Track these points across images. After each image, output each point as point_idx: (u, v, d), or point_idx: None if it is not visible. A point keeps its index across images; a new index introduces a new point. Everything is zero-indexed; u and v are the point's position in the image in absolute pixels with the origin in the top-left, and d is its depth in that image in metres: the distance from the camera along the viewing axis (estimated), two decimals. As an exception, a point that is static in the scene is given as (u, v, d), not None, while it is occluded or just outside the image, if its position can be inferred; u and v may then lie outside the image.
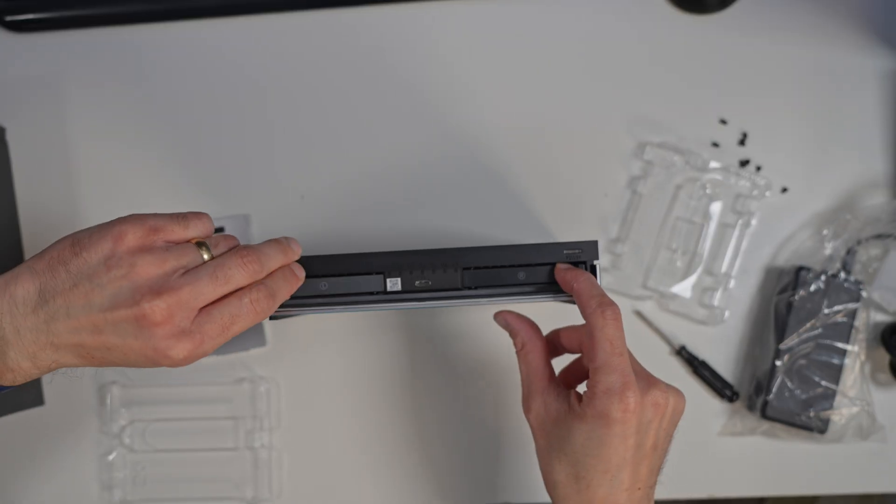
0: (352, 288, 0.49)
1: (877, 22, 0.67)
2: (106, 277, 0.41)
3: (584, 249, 0.50)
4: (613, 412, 0.44)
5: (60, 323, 0.41)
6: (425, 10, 0.69)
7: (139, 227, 0.43)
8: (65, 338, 0.42)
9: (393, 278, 0.50)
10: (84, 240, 0.43)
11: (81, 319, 0.41)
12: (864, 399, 0.65)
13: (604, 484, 0.46)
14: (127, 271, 0.41)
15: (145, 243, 0.43)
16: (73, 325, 0.41)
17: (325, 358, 0.69)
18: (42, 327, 0.41)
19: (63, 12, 0.69)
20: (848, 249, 0.65)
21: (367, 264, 0.50)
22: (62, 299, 0.41)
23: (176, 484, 0.68)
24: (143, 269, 0.41)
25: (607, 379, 0.45)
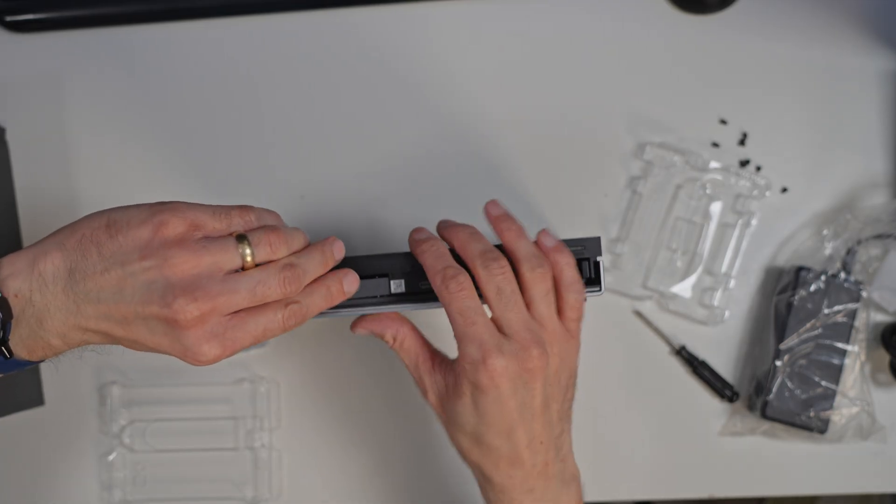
0: (356, 291, 0.49)
1: (877, 22, 0.67)
2: (139, 266, 0.40)
3: (586, 246, 0.50)
4: (481, 380, 0.45)
5: (90, 307, 0.40)
6: (425, 9, 0.69)
7: (181, 221, 0.41)
8: (93, 323, 0.41)
9: (397, 280, 0.50)
10: (121, 222, 0.41)
11: (111, 307, 0.40)
12: (864, 399, 0.65)
13: (503, 444, 0.47)
14: (160, 263, 0.40)
15: (184, 237, 0.41)
16: (102, 311, 0.40)
17: (325, 358, 0.69)
18: (72, 308, 0.40)
19: (63, 12, 0.69)
20: (848, 249, 0.65)
21: (370, 267, 0.50)
22: (93, 282, 0.40)
23: (176, 484, 0.68)
24: (179, 266, 0.40)
25: (468, 350, 0.46)
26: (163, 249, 0.40)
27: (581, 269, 0.50)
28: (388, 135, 0.69)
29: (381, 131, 0.69)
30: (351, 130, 0.69)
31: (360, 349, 0.68)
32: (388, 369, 0.68)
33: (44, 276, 0.40)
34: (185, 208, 0.42)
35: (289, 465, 0.69)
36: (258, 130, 0.69)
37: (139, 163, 0.69)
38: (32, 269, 0.40)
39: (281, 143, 0.69)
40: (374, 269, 0.49)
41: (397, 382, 0.68)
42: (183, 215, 0.41)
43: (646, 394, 0.68)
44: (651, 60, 0.68)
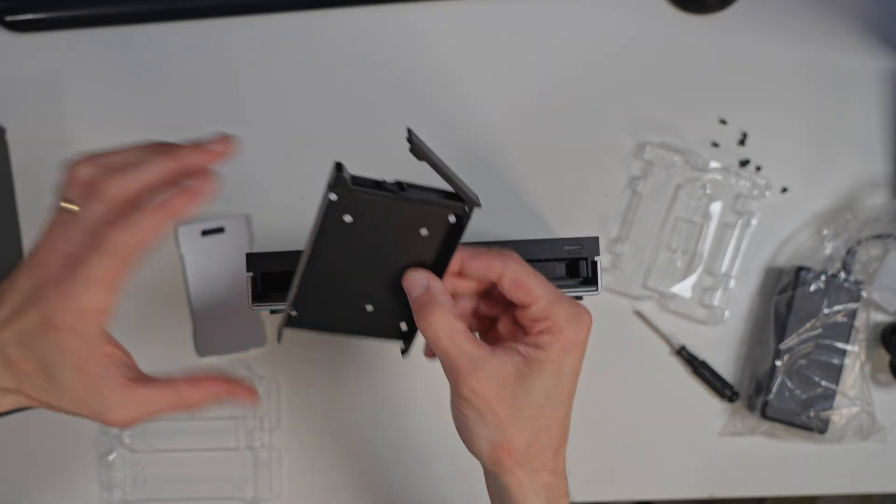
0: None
1: (877, 22, 0.67)
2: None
3: (584, 245, 0.50)
4: (582, 334, 0.43)
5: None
6: (425, 9, 0.69)
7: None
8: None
9: None
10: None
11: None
12: (864, 399, 0.65)
13: (565, 411, 0.45)
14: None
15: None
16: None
17: (325, 358, 0.69)
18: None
19: (63, 12, 0.69)
20: (848, 249, 0.65)
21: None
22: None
23: (176, 484, 0.68)
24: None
25: (565, 308, 0.43)
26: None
27: (579, 268, 0.50)
28: (387, 134, 0.69)
29: (381, 130, 0.69)
30: (351, 130, 0.69)
31: (360, 349, 0.68)
32: (388, 369, 0.68)
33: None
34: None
35: (289, 465, 0.69)
36: (258, 130, 0.69)
37: (139, 163, 0.69)
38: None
39: (281, 142, 0.69)
40: None
41: (397, 382, 0.68)
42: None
43: (646, 394, 0.68)
44: (651, 60, 0.68)
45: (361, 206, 0.41)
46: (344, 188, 0.40)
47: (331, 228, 0.42)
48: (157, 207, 0.39)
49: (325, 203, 0.41)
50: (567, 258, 0.50)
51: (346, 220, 0.42)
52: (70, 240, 0.39)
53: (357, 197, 0.41)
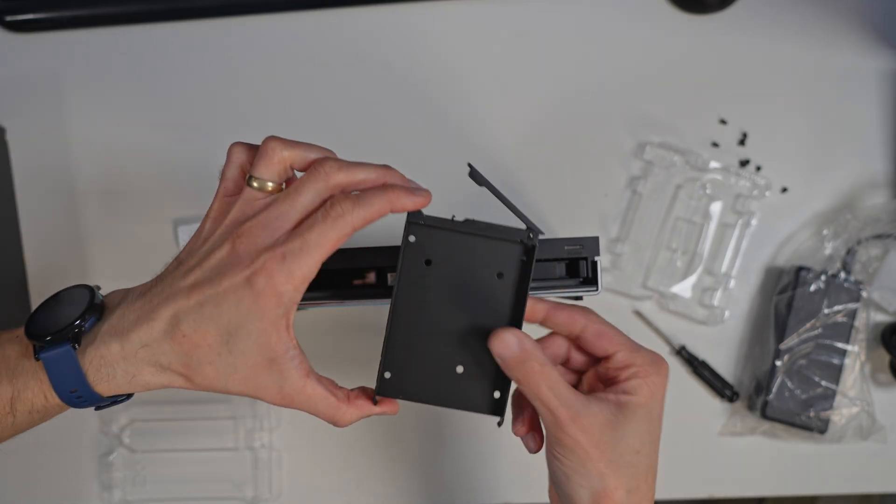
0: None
1: (877, 22, 0.67)
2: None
3: (584, 245, 0.50)
4: (664, 377, 0.44)
5: (170, 300, 0.41)
6: (425, 9, 0.69)
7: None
8: (169, 317, 0.41)
9: (394, 273, 0.49)
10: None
11: (197, 287, 0.41)
12: (864, 399, 0.65)
13: (654, 454, 0.47)
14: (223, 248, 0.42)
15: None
16: (183, 300, 0.41)
17: (324, 357, 0.69)
18: (147, 308, 0.42)
19: (63, 12, 0.69)
20: (848, 249, 0.65)
21: (368, 259, 0.49)
22: (174, 277, 0.43)
23: (176, 484, 0.68)
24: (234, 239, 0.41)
25: (645, 354, 0.44)
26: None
27: (578, 268, 0.50)
28: (388, 134, 0.69)
29: (381, 130, 0.69)
30: (350, 129, 0.69)
31: (360, 349, 0.68)
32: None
33: (131, 291, 0.43)
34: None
35: (289, 465, 0.69)
36: (258, 130, 0.69)
37: (139, 162, 0.69)
38: (126, 291, 0.43)
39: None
40: (371, 261, 0.49)
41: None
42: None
43: (646, 394, 0.68)
44: (651, 60, 0.68)
45: (436, 244, 0.44)
46: (416, 225, 0.43)
47: (413, 273, 0.44)
48: (386, 195, 0.41)
49: (404, 246, 0.43)
50: (567, 258, 0.50)
51: (425, 265, 0.44)
52: (286, 214, 0.40)
53: (430, 233, 0.43)
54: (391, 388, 0.45)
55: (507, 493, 0.68)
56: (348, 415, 0.44)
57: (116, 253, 0.69)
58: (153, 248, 0.69)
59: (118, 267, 0.69)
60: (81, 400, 0.42)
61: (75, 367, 0.41)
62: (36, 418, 0.43)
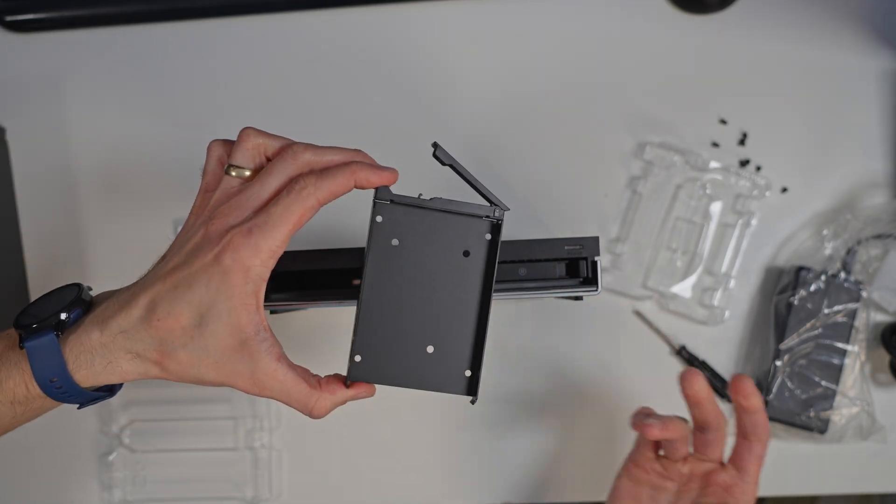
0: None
1: (877, 22, 0.67)
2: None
3: (584, 245, 0.50)
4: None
5: (148, 286, 0.42)
6: (424, 9, 0.69)
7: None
8: (146, 302, 0.41)
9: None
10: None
11: (170, 274, 0.42)
12: (864, 399, 0.65)
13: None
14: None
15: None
16: (158, 288, 0.42)
17: (324, 357, 0.69)
18: (127, 298, 0.43)
19: (63, 12, 0.69)
20: (848, 249, 0.65)
21: (353, 259, 0.49)
22: (157, 267, 0.44)
23: (176, 484, 0.68)
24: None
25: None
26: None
27: (578, 268, 0.50)
28: (387, 134, 0.69)
29: (380, 130, 0.69)
30: (350, 129, 0.69)
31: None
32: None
33: (119, 290, 0.44)
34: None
35: (289, 465, 0.69)
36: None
37: (138, 161, 0.69)
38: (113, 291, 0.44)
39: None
40: (358, 260, 0.49)
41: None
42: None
43: (646, 394, 0.68)
44: (651, 60, 0.68)
45: (404, 224, 0.44)
46: (385, 196, 0.44)
47: (382, 253, 0.44)
48: (350, 168, 0.42)
49: (371, 225, 0.44)
50: (567, 258, 0.50)
51: (393, 244, 0.44)
52: (256, 195, 0.41)
53: (398, 212, 0.44)
54: (363, 372, 0.45)
55: (507, 493, 0.68)
56: (322, 402, 0.44)
57: (116, 252, 0.69)
58: (153, 247, 0.68)
59: (118, 266, 0.69)
60: (61, 391, 0.42)
61: (56, 355, 0.41)
62: (18, 411, 0.43)
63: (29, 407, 0.43)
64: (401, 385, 0.46)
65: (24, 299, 0.68)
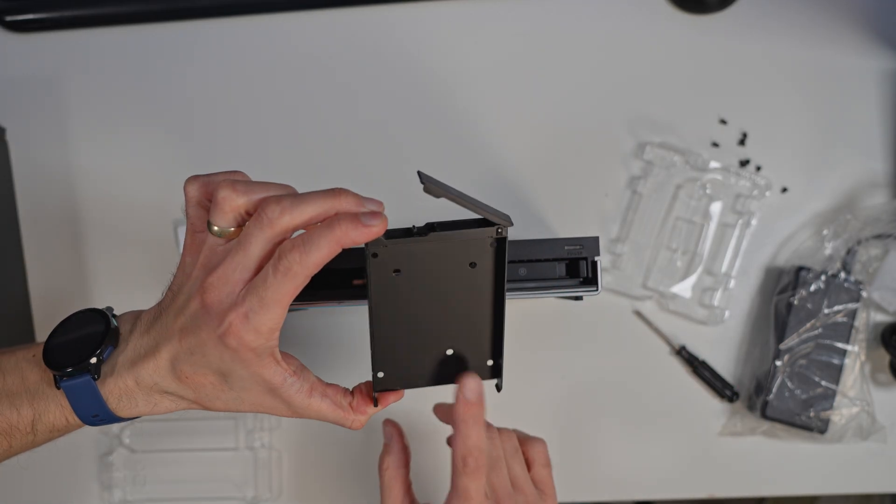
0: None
1: (877, 22, 0.67)
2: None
3: (584, 245, 0.50)
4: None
5: (166, 344, 0.44)
6: (426, 9, 0.69)
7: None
8: (167, 360, 0.43)
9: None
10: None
11: (182, 338, 0.43)
12: (864, 399, 0.65)
13: None
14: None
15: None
16: (174, 348, 0.43)
17: (324, 357, 0.69)
18: (152, 345, 0.44)
19: (63, 12, 0.69)
20: (848, 249, 0.65)
21: (354, 258, 0.49)
22: (167, 318, 0.45)
23: (176, 484, 0.68)
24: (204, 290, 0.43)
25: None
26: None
27: (578, 268, 0.50)
28: (388, 134, 0.69)
29: (381, 131, 0.69)
30: (350, 130, 0.69)
31: (359, 348, 0.68)
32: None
33: (141, 319, 0.45)
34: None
35: (289, 465, 0.69)
36: (258, 129, 0.69)
37: (139, 162, 0.69)
38: (137, 316, 0.46)
39: (281, 142, 0.69)
40: (360, 260, 0.49)
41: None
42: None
43: (646, 394, 0.68)
44: (651, 60, 0.68)
45: (403, 256, 0.43)
46: (377, 246, 0.42)
47: (384, 284, 0.43)
48: (333, 235, 0.40)
49: (368, 263, 0.43)
50: (567, 258, 0.50)
51: (394, 274, 0.43)
52: (242, 265, 0.41)
53: (393, 249, 0.42)
54: (388, 384, 0.47)
55: (507, 493, 0.68)
56: (357, 421, 0.47)
57: (116, 252, 0.69)
58: (153, 247, 0.69)
59: (118, 266, 0.69)
60: (102, 421, 0.45)
61: (96, 396, 0.44)
62: (56, 436, 0.47)
63: (67, 432, 0.47)
64: (428, 385, 0.47)
65: (24, 298, 0.68)
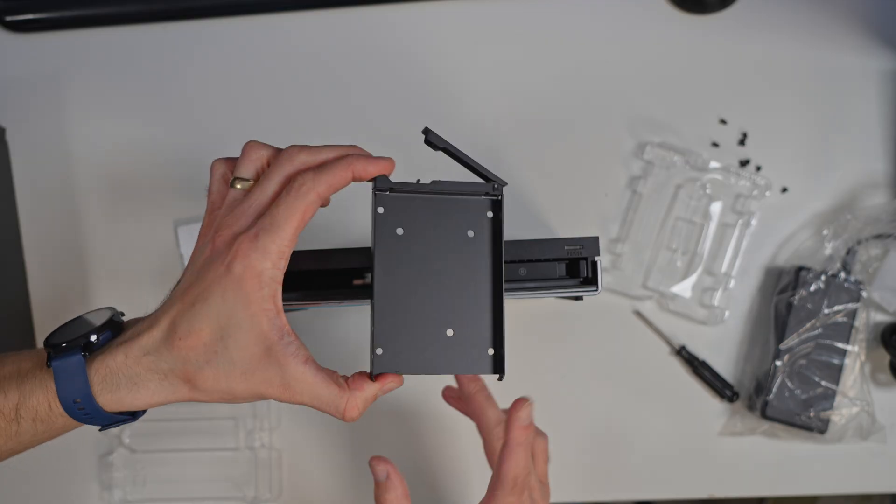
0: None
1: (877, 22, 0.67)
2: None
3: (584, 245, 0.50)
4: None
5: (170, 306, 0.43)
6: (425, 9, 0.69)
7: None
8: (170, 321, 0.42)
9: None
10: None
11: (186, 288, 0.42)
12: (864, 399, 0.65)
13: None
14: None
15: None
16: (178, 295, 0.43)
17: (324, 357, 0.69)
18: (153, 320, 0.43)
19: (63, 12, 0.69)
20: (848, 249, 0.65)
21: (366, 258, 0.49)
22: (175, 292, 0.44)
23: (176, 484, 0.68)
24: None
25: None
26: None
27: (578, 268, 0.50)
28: (388, 134, 0.69)
29: (381, 130, 0.69)
30: (350, 130, 0.69)
31: (360, 348, 0.68)
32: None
33: (145, 315, 0.44)
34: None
35: (289, 465, 0.69)
36: (258, 130, 0.69)
37: (139, 162, 0.69)
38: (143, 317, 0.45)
39: (281, 142, 0.69)
40: (370, 260, 0.49)
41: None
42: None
43: (646, 394, 0.68)
44: (651, 60, 0.68)
45: (406, 211, 0.44)
46: (384, 185, 0.44)
47: (388, 244, 0.44)
48: (346, 161, 0.43)
49: (374, 217, 0.43)
50: (567, 258, 0.50)
51: (398, 234, 0.44)
52: (257, 201, 0.42)
53: (398, 200, 0.44)
54: (387, 364, 0.45)
55: (507, 493, 0.68)
56: (353, 401, 0.43)
57: (117, 251, 0.69)
58: (153, 247, 0.69)
59: (118, 266, 0.69)
60: (83, 412, 0.42)
61: (81, 376, 0.41)
62: (40, 429, 0.44)
63: (51, 426, 0.44)
64: (427, 372, 0.46)
65: (23, 297, 0.68)
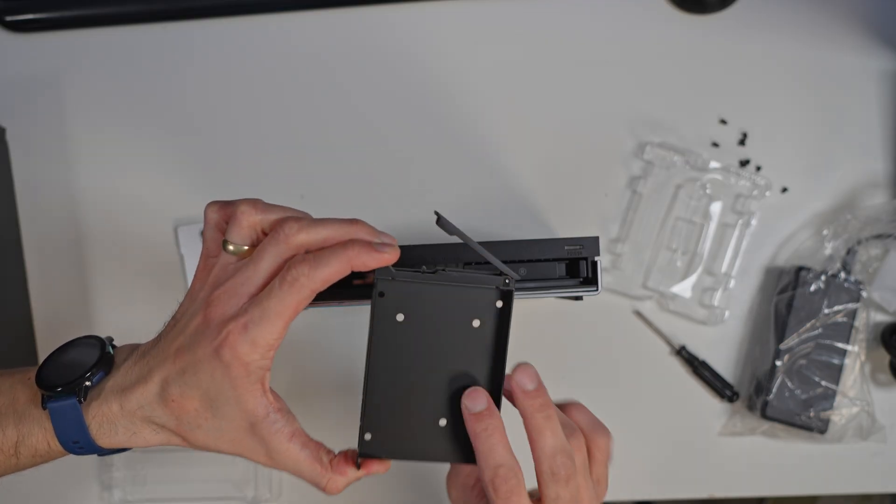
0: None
1: (877, 22, 0.67)
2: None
3: (584, 245, 0.50)
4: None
5: (158, 368, 0.43)
6: (426, 9, 0.69)
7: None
8: (158, 385, 0.42)
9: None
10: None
11: (176, 355, 0.42)
12: (864, 399, 0.65)
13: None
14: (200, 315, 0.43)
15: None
16: (166, 370, 0.43)
17: (324, 356, 0.69)
18: (144, 372, 0.43)
19: (63, 12, 0.69)
20: (848, 249, 0.65)
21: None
22: (163, 343, 0.44)
23: (176, 484, 0.68)
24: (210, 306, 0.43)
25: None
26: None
27: (578, 268, 0.50)
28: (388, 134, 0.69)
29: (381, 130, 0.69)
30: (350, 130, 0.69)
31: (360, 348, 0.68)
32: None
33: (138, 350, 0.45)
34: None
35: (289, 465, 0.69)
36: (258, 130, 0.69)
37: (139, 162, 0.69)
38: (134, 347, 0.45)
39: (281, 142, 0.69)
40: None
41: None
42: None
43: (646, 394, 0.68)
44: (651, 60, 0.68)
45: (408, 298, 0.43)
46: (385, 276, 0.42)
47: (386, 331, 0.43)
48: (345, 253, 0.40)
49: (374, 303, 0.42)
50: (567, 258, 0.50)
51: (398, 320, 0.43)
52: (250, 280, 0.41)
53: (401, 287, 0.42)
54: (374, 449, 0.45)
55: (507, 493, 0.68)
56: (333, 482, 0.45)
57: (117, 251, 0.69)
58: (153, 248, 0.69)
59: (118, 266, 0.69)
60: (82, 450, 0.44)
61: (79, 421, 0.43)
62: (38, 461, 0.45)
63: (49, 458, 0.45)
64: (415, 460, 0.45)
65: (23, 296, 0.68)
